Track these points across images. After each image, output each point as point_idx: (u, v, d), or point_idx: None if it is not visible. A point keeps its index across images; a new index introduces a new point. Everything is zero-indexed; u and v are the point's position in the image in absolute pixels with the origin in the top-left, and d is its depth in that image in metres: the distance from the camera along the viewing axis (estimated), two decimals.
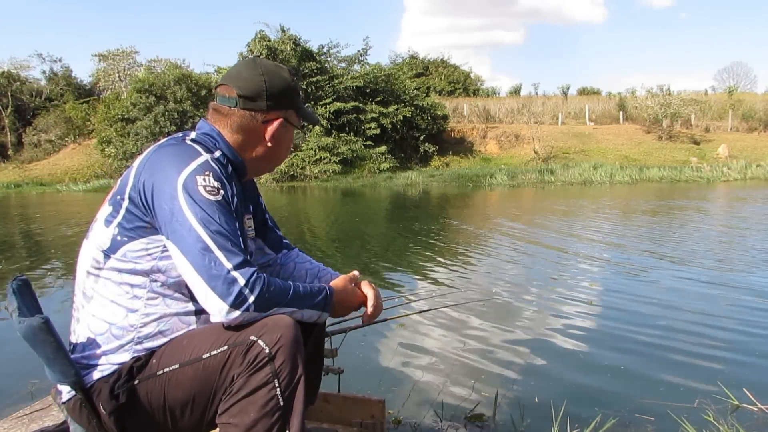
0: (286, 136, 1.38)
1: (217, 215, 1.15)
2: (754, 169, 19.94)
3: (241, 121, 1.32)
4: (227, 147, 1.31)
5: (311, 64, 23.88)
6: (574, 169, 20.38)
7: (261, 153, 1.36)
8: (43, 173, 25.43)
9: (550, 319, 3.82)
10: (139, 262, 1.19)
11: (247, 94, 1.30)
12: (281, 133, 1.36)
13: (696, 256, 5.93)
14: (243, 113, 1.31)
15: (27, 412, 1.85)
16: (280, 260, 1.59)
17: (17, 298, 1.25)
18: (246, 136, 1.33)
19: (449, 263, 5.93)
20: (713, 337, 3.38)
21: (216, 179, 1.19)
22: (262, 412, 1.13)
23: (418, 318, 3.74)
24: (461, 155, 25.63)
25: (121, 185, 1.23)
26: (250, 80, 1.30)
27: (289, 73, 1.37)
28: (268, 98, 1.31)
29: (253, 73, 1.31)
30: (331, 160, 22.21)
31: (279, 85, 1.33)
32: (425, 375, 2.86)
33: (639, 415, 2.35)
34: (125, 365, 1.19)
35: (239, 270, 1.12)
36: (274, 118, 1.34)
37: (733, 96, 30.66)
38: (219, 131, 1.32)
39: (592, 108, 29.93)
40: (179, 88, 23.85)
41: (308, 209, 13.45)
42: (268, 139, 1.34)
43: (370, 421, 1.84)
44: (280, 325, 1.14)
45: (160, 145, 1.26)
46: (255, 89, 1.30)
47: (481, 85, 39.35)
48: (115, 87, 30.77)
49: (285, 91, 1.34)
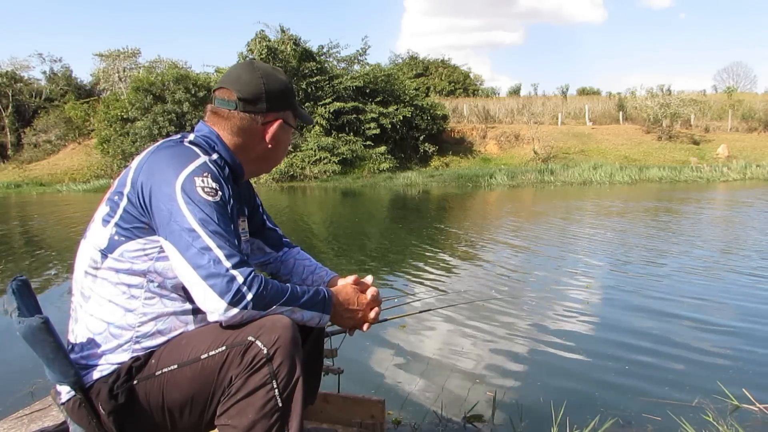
0: (285, 137, 1.41)
1: (216, 216, 1.15)
2: (754, 169, 19.96)
3: (241, 124, 1.33)
4: (225, 149, 1.33)
5: (311, 64, 23.87)
6: (573, 170, 20.39)
7: (260, 154, 1.38)
8: (43, 173, 25.43)
9: (549, 319, 3.82)
10: (136, 262, 1.19)
11: (247, 97, 1.32)
12: (280, 135, 1.38)
13: (695, 256, 5.93)
14: (243, 116, 1.33)
15: (27, 412, 1.85)
16: (280, 257, 1.61)
17: (17, 298, 1.25)
18: (246, 139, 1.35)
19: (449, 263, 5.93)
20: (713, 337, 3.38)
21: (214, 180, 1.20)
22: (261, 414, 1.13)
23: (418, 318, 3.74)
24: (461, 155, 25.63)
25: (119, 185, 1.23)
26: (249, 83, 1.32)
27: (285, 75, 1.40)
28: (267, 100, 1.33)
29: (252, 76, 1.32)
30: (330, 161, 22.22)
31: (277, 88, 1.35)
32: (425, 375, 2.86)
33: (638, 415, 2.35)
34: (124, 365, 1.19)
35: (238, 269, 1.13)
36: (273, 119, 1.36)
37: (733, 96, 30.66)
38: (218, 134, 1.33)
39: (591, 108, 29.93)
40: (178, 87, 23.85)
41: (308, 209, 13.44)
42: (268, 141, 1.36)
43: (369, 421, 1.84)
44: (278, 326, 1.14)
45: (159, 147, 1.26)
46: (255, 92, 1.32)
47: (481, 85, 39.42)
48: (115, 87, 30.75)
49: (283, 93, 1.37)
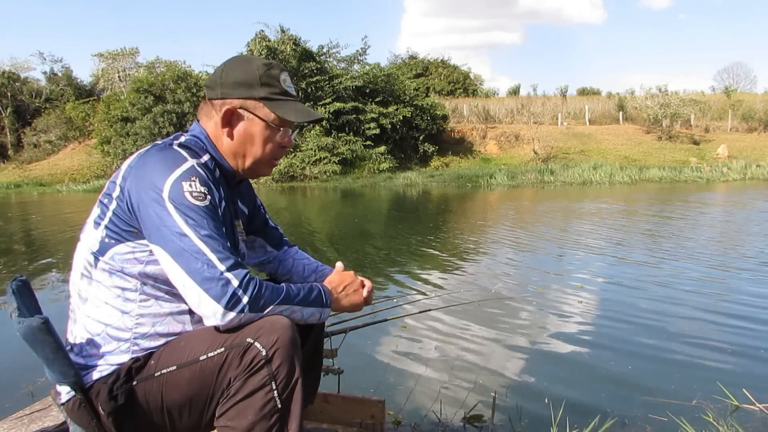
0: (251, 130, 1.29)
1: (206, 220, 1.14)
2: (754, 170, 19.95)
3: (206, 111, 1.32)
4: (214, 149, 1.30)
5: (311, 64, 23.86)
6: (573, 170, 20.38)
7: (229, 148, 1.31)
8: (43, 173, 25.43)
9: (549, 319, 3.83)
10: (127, 265, 1.18)
11: (208, 83, 1.32)
12: (240, 125, 1.28)
13: (695, 256, 5.93)
14: (207, 103, 1.32)
15: (27, 412, 1.85)
16: (279, 256, 1.61)
17: (17, 299, 1.25)
18: (213, 130, 1.31)
19: (449, 263, 5.93)
20: (713, 337, 3.38)
21: (203, 184, 1.18)
22: (260, 415, 1.12)
23: (418, 318, 3.74)
24: (461, 155, 25.62)
25: (109, 187, 1.22)
26: (216, 71, 1.31)
27: (264, 65, 1.29)
28: (222, 85, 1.29)
29: (220, 66, 1.31)
30: (330, 161, 22.20)
31: (238, 74, 1.27)
32: (425, 375, 2.86)
33: (638, 416, 2.36)
34: (124, 366, 1.19)
35: (232, 271, 1.12)
36: (231, 107, 1.27)
37: (732, 96, 30.64)
38: (206, 133, 1.31)
39: (591, 108, 29.92)
40: (178, 87, 23.84)
41: (308, 210, 13.44)
42: (224, 130, 1.28)
43: (369, 421, 1.84)
44: (276, 327, 1.14)
45: (147, 151, 1.24)
46: (214, 77, 1.31)
47: (481, 85, 39.40)
48: (114, 87, 30.75)
49: (244, 79, 1.27)
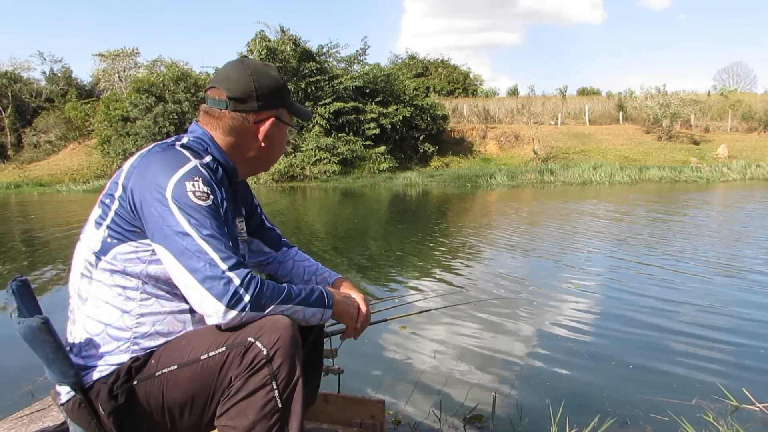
0: (279, 135, 1.38)
1: (209, 219, 1.15)
2: (754, 170, 19.97)
3: (232, 123, 1.31)
4: (218, 151, 1.31)
5: (311, 64, 23.86)
6: (573, 170, 20.39)
7: (254, 154, 1.36)
8: (43, 173, 25.44)
9: (549, 319, 3.83)
10: (129, 265, 1.19)
11: (237, 96, 1.30)
12: (274, 133, 1.35)
13: (695, 256, 5.93)
14: (234, 115, 1.31)
15: (27, 412, 1.85)
16: (279, 258, 1.61)
17: (17, 299, 1.25)
18: (238, 138, 1.33)
19: (449, 263, 5.93)
20: (713, 337, 3.39)
21: (206, 184, 1.18)
22: (261, 415, 1.12)
23: (418, 318, 3.74)
24: (461, 155, 25.63)
25: (111, 187, 1.22)
26: (238, 81, 1.30)
27: (277, 71, 1.37)
28: (258, 98, 1.30)
29: (242, 74, 1.30)
30: (330, 161, 22.22)
31: (268, 85, 1.32)
32: (425, 375, 2.86)
33: (638, 415, 2.36)
34: (124, 366, 1.19)
35: (234, 271, 1.12)
36: (266, 117, 1.33)
37: (730, 97, 30.63)
38: (211, 135, 1.31)
39: (591, 108, 29.92)
40: (178, 87, 23.84)
41: (308, 210, 13.44)
42: (261, 140, 1.34)
43: (369, 421, 1.84)
44: (278, 327, 1.14)
45: (150, 151, 1.24)
46: (245, 90, 1.30)
47: (481, 85, 39.40)
48: (114, 87, 30.75)
49: (275, 90, 1.33)
